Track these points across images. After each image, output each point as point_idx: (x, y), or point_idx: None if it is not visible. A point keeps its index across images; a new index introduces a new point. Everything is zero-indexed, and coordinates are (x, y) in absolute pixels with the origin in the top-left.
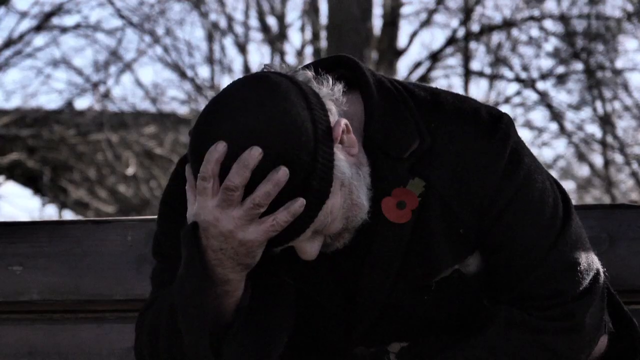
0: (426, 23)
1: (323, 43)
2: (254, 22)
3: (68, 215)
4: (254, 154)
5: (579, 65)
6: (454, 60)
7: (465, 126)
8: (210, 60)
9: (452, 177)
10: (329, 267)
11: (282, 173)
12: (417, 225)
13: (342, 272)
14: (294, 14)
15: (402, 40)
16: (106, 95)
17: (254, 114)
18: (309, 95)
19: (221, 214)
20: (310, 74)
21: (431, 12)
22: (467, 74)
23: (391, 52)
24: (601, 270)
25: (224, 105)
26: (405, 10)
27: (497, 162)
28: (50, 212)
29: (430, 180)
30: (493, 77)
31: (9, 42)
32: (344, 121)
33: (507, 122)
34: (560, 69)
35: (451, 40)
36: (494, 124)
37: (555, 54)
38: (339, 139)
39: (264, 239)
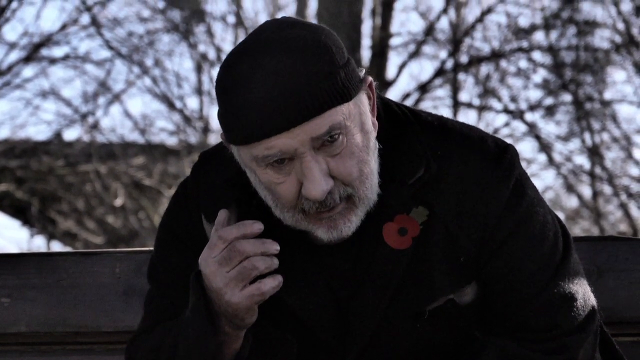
0: (415, 54)
1: None
2: None
3: (57, 246)
4: (255, 227)
5: (567, 97)
6: (442, 92)
7: (472, 154)
8: (199, 91)
9: (456, 205)
10: (325, 290)
11: (270, 246)
12: (416, 251)
13: (337, 296)
14: None
15: (390, 71)
16: (95, 126)
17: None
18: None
19: (217, 269)
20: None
21: (420, 44)
22: (456, 105)
23: (380, 83)
24: (597, 308)
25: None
26: (394, 41)
27: (501, 192)
28: (39, 243)
29: (434, 208)
30: (482, 108)
31: None
32: (374, 83)
33: (512, 153)
34: (549, 100)
35: (440, 72)
36: (499, 154)
37: (543, 86)
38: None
39: (249, 304)
